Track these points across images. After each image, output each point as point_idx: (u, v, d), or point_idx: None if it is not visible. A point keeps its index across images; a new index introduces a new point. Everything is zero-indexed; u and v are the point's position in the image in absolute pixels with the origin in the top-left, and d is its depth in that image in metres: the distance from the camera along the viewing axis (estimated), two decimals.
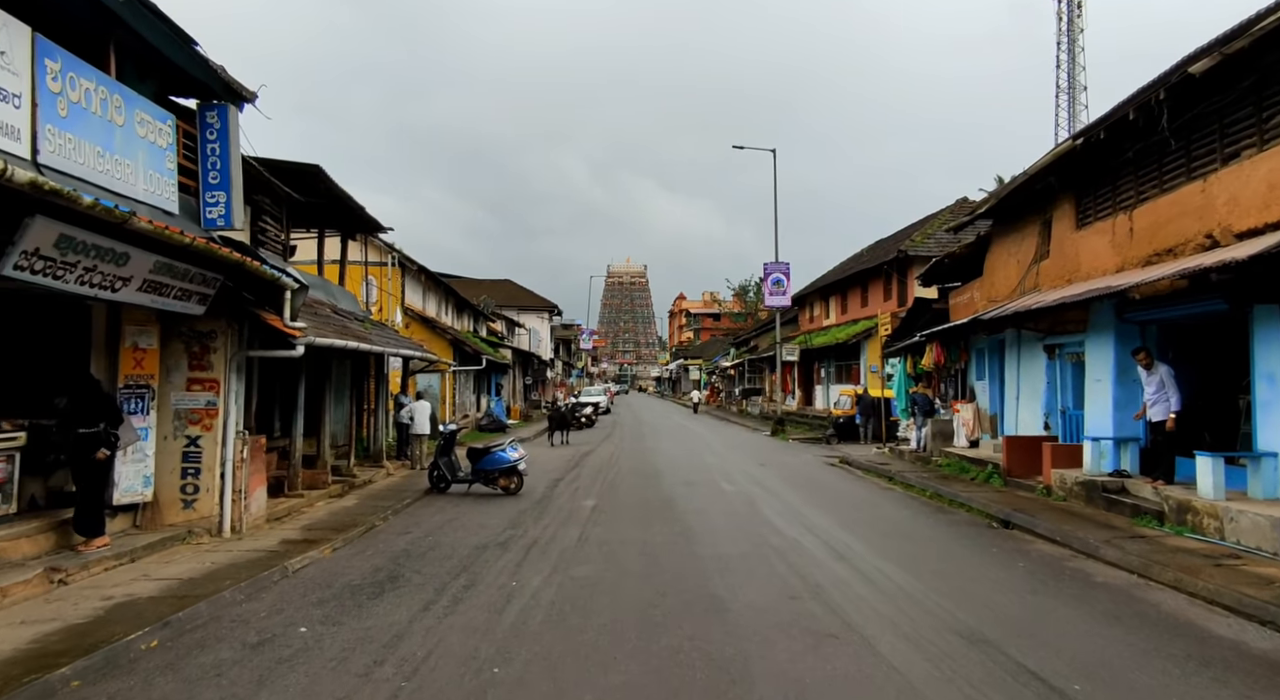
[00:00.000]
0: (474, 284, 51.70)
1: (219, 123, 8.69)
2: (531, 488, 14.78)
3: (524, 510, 12.32)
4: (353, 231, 19.07)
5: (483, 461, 14.20)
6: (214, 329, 9.40)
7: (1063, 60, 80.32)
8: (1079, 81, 79.68)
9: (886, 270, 31.26)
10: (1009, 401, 15.69)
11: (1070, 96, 79.23)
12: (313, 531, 10.16)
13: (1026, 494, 12.66)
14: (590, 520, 11.29)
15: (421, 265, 27.13)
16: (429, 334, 26.76)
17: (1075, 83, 79.49)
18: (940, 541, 9.85)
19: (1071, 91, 79.20)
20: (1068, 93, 79.27)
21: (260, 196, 13.59)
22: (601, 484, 15.50)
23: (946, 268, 19.02)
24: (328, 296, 16.65)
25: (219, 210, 8.74)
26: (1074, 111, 77.91)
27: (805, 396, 39.63)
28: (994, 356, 16.67)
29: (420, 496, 13.88)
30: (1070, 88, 79.35)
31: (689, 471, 17.72)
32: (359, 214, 16.84)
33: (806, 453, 23.21)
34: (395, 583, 7.73)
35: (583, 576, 7.89)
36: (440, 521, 11.41)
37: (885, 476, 16.63)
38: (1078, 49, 79.83)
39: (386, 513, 11.85)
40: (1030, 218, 15.14)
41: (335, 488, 13.51)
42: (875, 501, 13.48)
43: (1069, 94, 79.20)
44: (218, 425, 9.33)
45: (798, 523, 11.04)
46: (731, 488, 14.90)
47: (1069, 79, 79.53)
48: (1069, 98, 79.12)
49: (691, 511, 12.03)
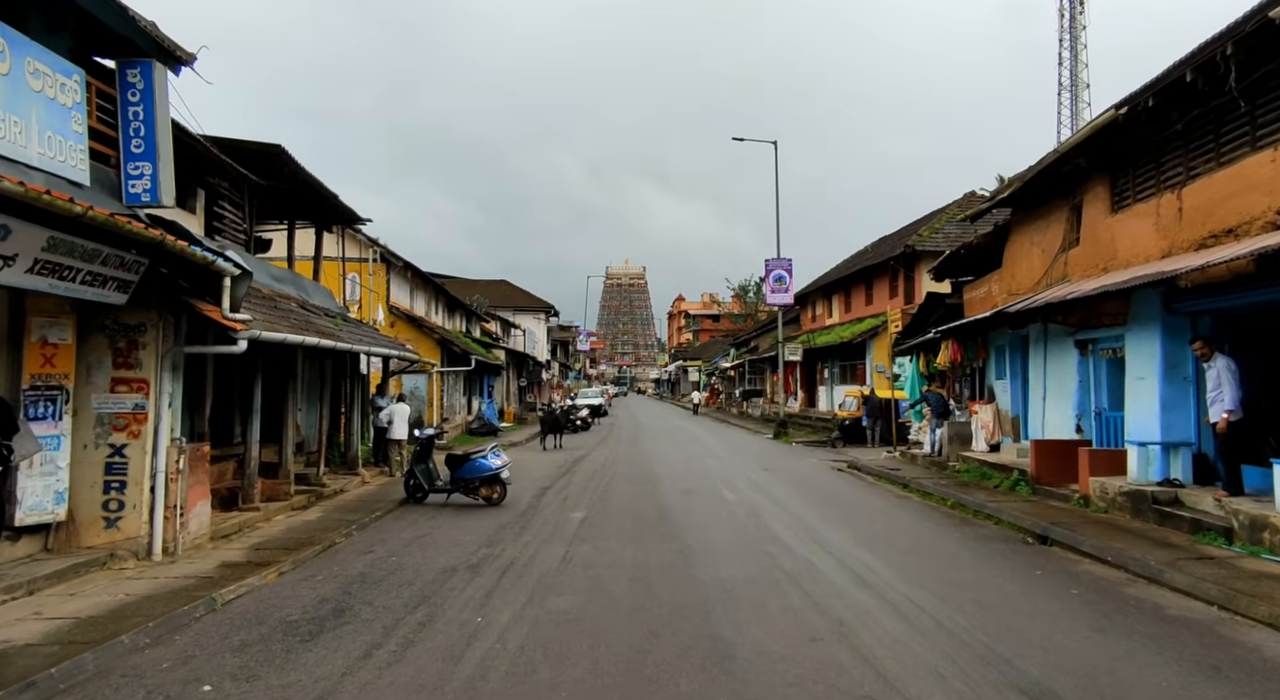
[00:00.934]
0: (469, 284, 50.53)
1: (142, 83, 7.50)
2: (516, 497, 13.58)
3: (505, 524, 11.12)
4: (328, 223, 17.88)
5: (462, 470, 13.00)
6: (143, 322, 8.20)
7: (1065, 57, 79.33)
8: (1081, 79, 78.68)
9: (893, 266, 30.10)
10: (1034, 402, 14.49)
11: (1073, 94, 78.19)
12: (261, 551, 8.96)
13: (1060, 504, 11.46)
14: (577, 537, 10.09)
15: (408, 261, 25.95)
16: (415, 333, 25.57)
17: (1078, 80, 78.45)
18: (973, 561, 8.65)
19: (1074, 89, 78.15)
20: (1070, 90, 78.20)
21: (216, 180, 12.41)
22: (593, 493, 14.30)
23: (962, 260, 17.84)
24: (298, 291, 15.46)
25: (143, 184, 7.55)
26: (1076, 109, 76.80)
27: (808, 398, 38.44)
28: (1016, 354, 15.48)
29: (393, 508, 12.68)
30: (1073, 85, 78.31)
31: (688, 478, 16.52)
32: (331, 202, 15.66)
33: (811, 457, 22.02)
34: (340, 618, 6.53)
35: (562, 610, 6.69)
36: (409, 538, 10.21)
37: (899, 483, 15.44)
38: (1080, 46, 78.90)
39: (351, 528, 10.65)
40: (1056, 203, 13.96)
41: (300, 499, 12.30)
42: (891, 512, 12.29)
43: (1071, 91, 78.14)
44: (147, 431, 8.13)
45: (809, 539, 9.85)
46: (734, 496, 13.70)
47: (1071, 76, 78.48)
48: (1071, 95, 78.07)
49: (690, 525, 10.83)
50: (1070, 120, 76.72)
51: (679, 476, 16.85)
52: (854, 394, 26.71)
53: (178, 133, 10.20)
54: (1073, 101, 76.91)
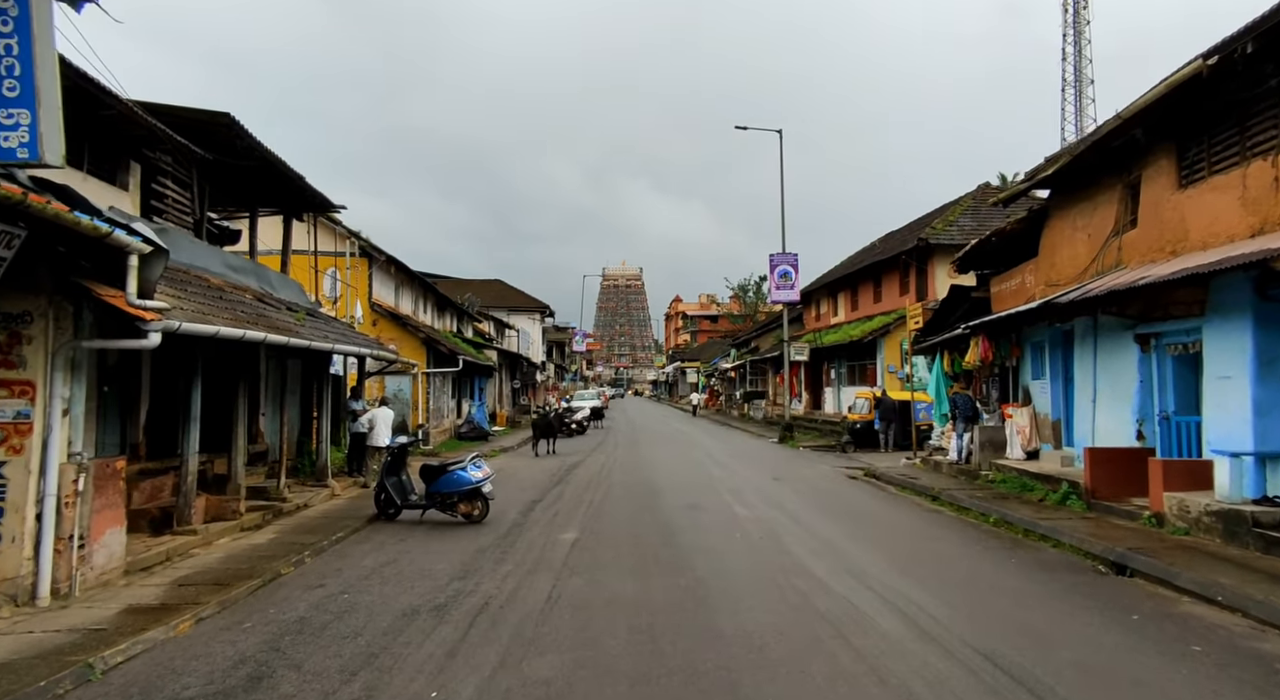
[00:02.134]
0: (462, 284, 48.92)
1: (16, 9, 5.97)
2: (501, 512, 12.04)
3: (484, 548, 9.58)
4: (296, 210, 16.33)
5: (438, 483, 11.45)
6: (28, 310, 6.66)
7: (1069, 53, 78.10)
8: (1085, 74, 77.43)
9: (904, 260, 28.61)
10: (1080, 404, 12.98)
11: (1077, 90, 76.99)
12: (184, 589, 7.40)
13: (1125, 523, 9.94)
14: (566, 566, 8.54)
15: (391, 256, 24.39)
16: (399, 332, 24.01)
17: (1082, 76, 77.24)
18: (1045, 599, 7.12)
19: (1078, 85, 76.97)
20: (1074, 86, 77.01)
21: (157, 154, 10.85)
22: (587, 507, 12.75)
23: (993, 249, 16.32)
24: (260, 283, 13.92)
25: (19, 136, 5.99)
26: (1080, 105, 75.64)
27: (813, 400, 36.91)
28: (1056, 351, 13.97)
29: (361, 526, 11.13)
30: (1077, 81, 77.13)
31: (692, 489, 14.98)
32: (297, 185, 14.10)
33: (822, 463, 20.49)
34: (253, 692, 4.98)
35: (542, 679, 5.14)
36: (371, 567, 8.66)
37: (925, 494, 13.92)
38: (1084, 42, 77.61)
39: (305, 553, 9.09)
40: (1106, 182, 12.47)
41: (252, 517, 10.74)
42: (926, 530, 10.76)
43: (1075, 88, 76.94)
44: (32, 446, 6.57)
45: (841, 567, 8.31)
46: (746, 512, 12.16)
47: (1075, 72, 77.27)
48: (1075, 91, 76.87)
49: (700, 549, 9.29)
50: (1074, 117, 75.48)
51: (682, 487, 15.31)
52: (865, 396, 25.19)
53: (96, 92, 8.67)
54: (1076, 98, 75.64)
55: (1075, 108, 75.94)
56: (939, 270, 27.65)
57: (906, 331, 27.21)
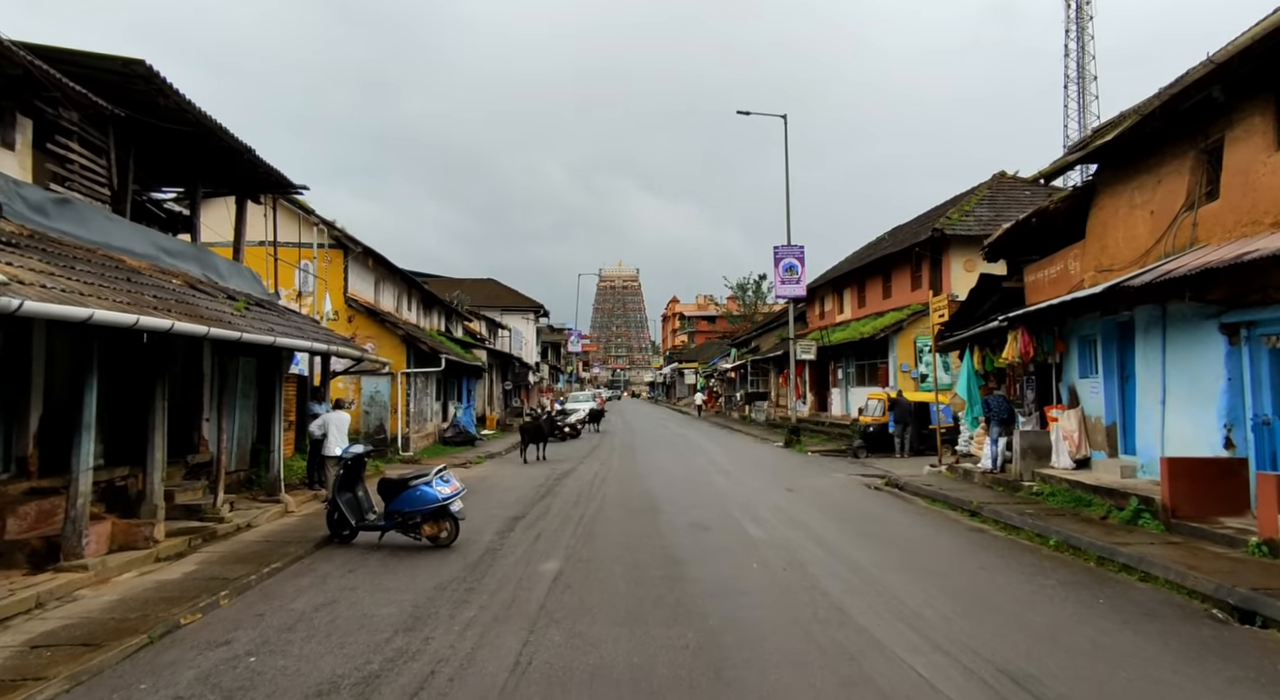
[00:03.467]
0: (454, 283, 47.18)
1: None
2: (476, 531, 10.31)
3: (446, 583, 7.83)
4: (251, 190, 14.56)
5: (398, 500, 9.71)
6: None
7: (1071, 49, 76.73)
8: (1089, 71, 76.07)
9: (918, 253, 26.90)
10: (1143, 406, 11.26)
11: (1080, 87, 75.65)
12: (34, 654, 5.64)
13: (1224, 550, 8.21)
14: (544, 610, 6.80)
15: (368, 247, 22.59)
16: (377, 329, 22.24)
17: (1085, 73, 75.88)
18: (1177, 664, 5.38)
19: (1081, 82, 75.63)
20: (1077, 83, 75.66)
21: (57, 110, 9.08)
22: (575, 527, 11.00)
23: (1028, 233, 14.60)
24: (203, 269, 12.19)
25: None
26: (1084, 102, 74.27)
27: (818, 401, 35.18)
28: (1111, 345, 12.27)
29: (306, 553, 9.38)
30: (1080, 78, 75.79)
31: (697, 503, 13.23)
32: (245, 159, 12.35)
33: (836, 471, 18.76)
34: None
35: None
36: (301, 612, 6.91)
37: (962, 509, 12.21)
38: (1087, 38, 76.26)
39: (223, 593, 7.34)
40: (1174, 150, 10.78)
41: (173, 544, 8.98)
42: (980, 557, 9.01)
43: (1079, 84, 75.59)
44: None
45: (891, 612, 6.59)
46: (761, 533, 10.42)
47: (1078, 68, 75.92)
48: (1079, 88, 75.51)
49: (712, 589, 7.54)
50: (1079, 114, 74.08)
51: (685, 501, 13.56)
52: (878, 397, 23.47)
53: None
54: (1080, 95, 74.25)
55: (1079, 105, 74.58)
56: (955, 263, 25.99)
57: (928, 326, 25.54)
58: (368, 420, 21.77)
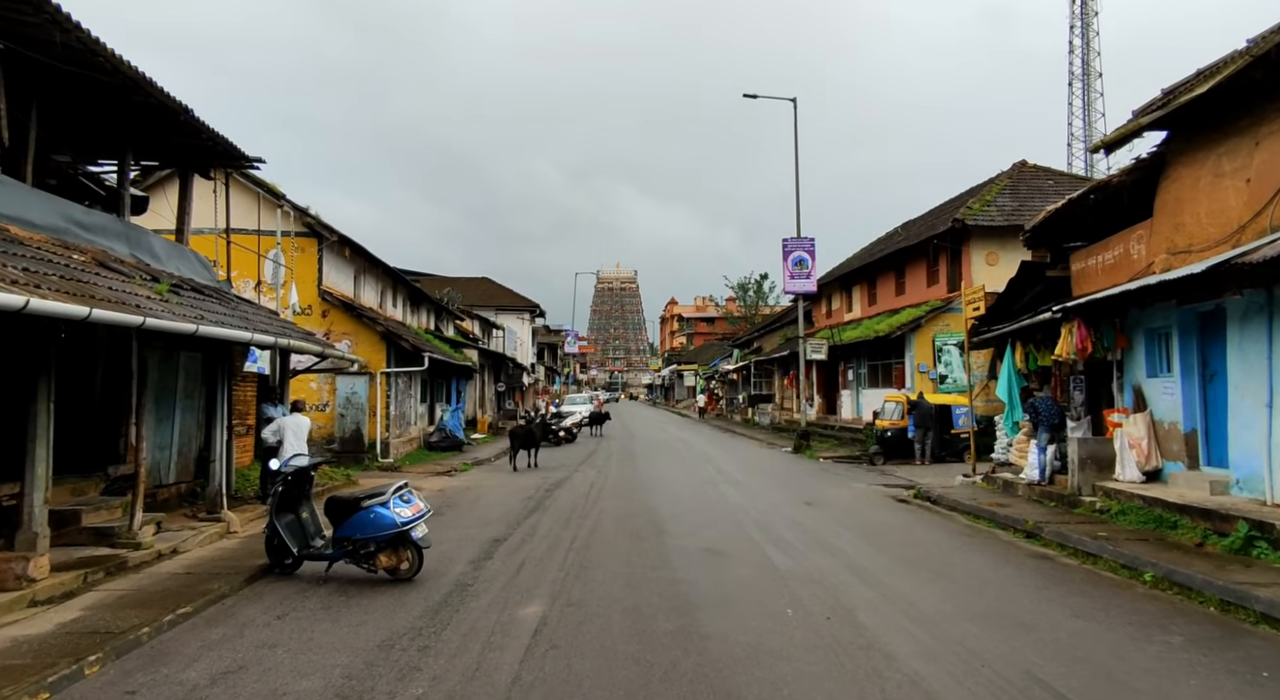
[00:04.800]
0: (449, 282, 45.38)
1: None
2: (445, 560, 8.55)
3: (393, 639, 6.06)
4: (198, 163, 12.79)
5: (348, 524, 7.95)
6: None
7: (1076, 44, 75.27)
8: (1094, 67, 74.69)
9: (936, 245, 25.16)
10: (1238, 410, 9.50)
11: (1085, 83, 74.13)
12: None
13: None
14: (519, 684, 5.03)
15: (345, 236, 20.81)
16: (354, 324, 20.46)
17: (1090, 70, 74.50)
18: None
19: (1086, 78, 74.15)
20: (1082, 80, 74.15)
21: None
22: (566, 554, 9.23)
23: (1084, 212, 12.84)
24: (131, 249, 10.47)
25: None
26: (1089, 98, 72.86)
27: (826, 404, 33.43)
28: (1190, 339, 10.54)
29: (232, 590, 7.62)
30: (1085, 74, 74.29)
31: (707, 521, 11.47)
32: (182, 120, 10.59)
33: (854, 480, 17.03)
34: None
35: None
36: (189, 687, 5.14)
37: (1014, 529, 10.50)
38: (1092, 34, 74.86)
39: (94, 656, 5.56)
40: (1274, 108, 9.06)
41: (62, 580, 7.21)
42: (1066, 600, 7.24)
43: (1084, 80, 74.08)
44: None
45: (990, 694, 4.83)
46: (787, 562, 8.66)
47: (1084, 64, 74.43)
48: (1084, 84, 74.00)
49: (740, 651, 5.76)
50: (1084, 110, 72.63)
51: (694, 518, 11.80)
52: (896, 399, 21.73)
53: None
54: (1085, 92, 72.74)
55: (1084, 101, 73.24)
56: (976, 256, 24.29)
57: (948, 324, 23.92)
58: (343, 424, 19.99)
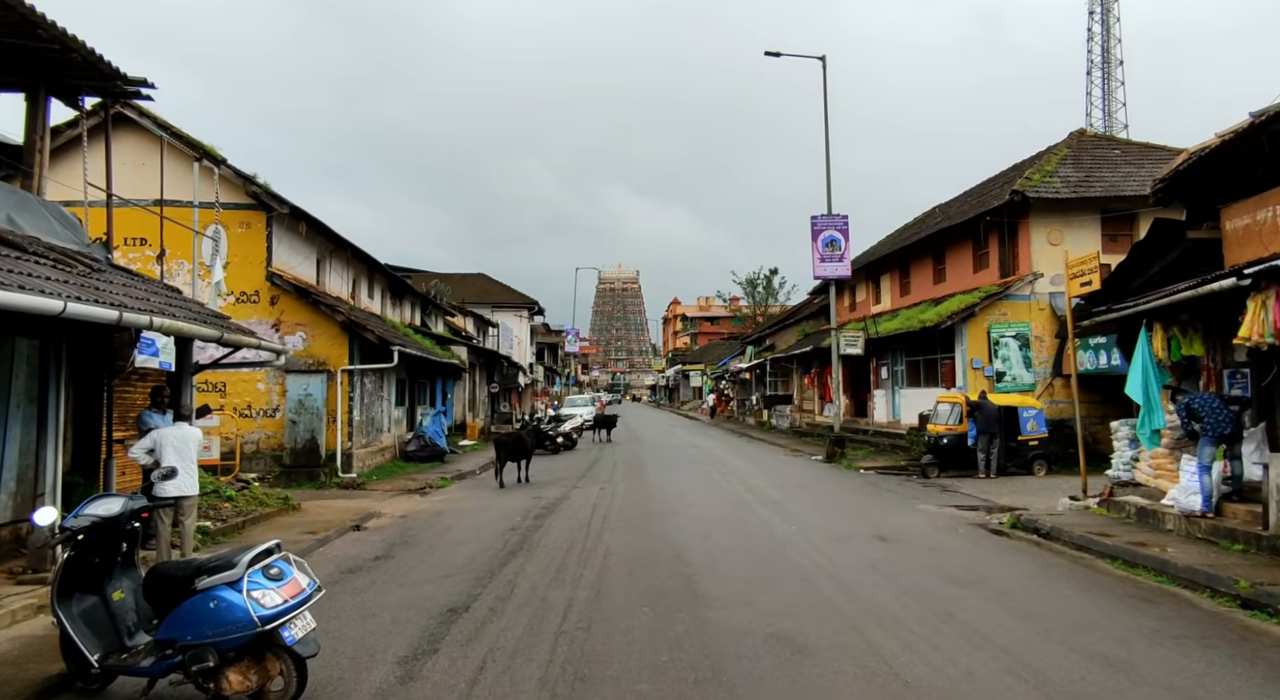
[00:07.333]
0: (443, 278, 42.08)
1: None
2: (358, 662, 5.18)
3: None
4: (53, 79, 9.43)
5: (175, 618, 4.62)
6: None
7: (1095, 31, 72.26)
8: (1114, 55, 71.71)
9: (987, 223, 21.80)
10: None
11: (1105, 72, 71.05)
12: None
13: None
14: None
15: (299, 209, 17.45)
16: (310, 314, 17.12)
17: (1110, 57, 71.49)
18: None
19: (1106, 67, 71.07)
20: (1102, 68, 71.08)
21: None
22: (554, 646, 5.84)
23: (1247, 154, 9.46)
24: None
25: None
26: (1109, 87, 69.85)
27: (854, 405, 30.02)
28: None
29: None
30: (1105, 62, 71.24)
31: (761, 576, 8.08)
32: (16, 13, 7.25)
33: (918, 500, 13.68)
34: None
35: None
36: None
37: (1217, 592, 7.19)
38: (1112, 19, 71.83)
39: None
40: None
41: None
42: None
43: (1104, 69, 71.03)
44: None
45: None
46: (918, 666, 5.30)
47: (1103, 52, 71.39)
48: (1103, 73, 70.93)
49: None
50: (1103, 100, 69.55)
51: (736, 566, 8.43)
52: (953, 399, 18.38)
53: None
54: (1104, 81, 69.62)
55: (1103, 90, 70.23)
56: (1037, 235, 20.94)
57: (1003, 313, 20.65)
58: (294, 432, 16.65)
